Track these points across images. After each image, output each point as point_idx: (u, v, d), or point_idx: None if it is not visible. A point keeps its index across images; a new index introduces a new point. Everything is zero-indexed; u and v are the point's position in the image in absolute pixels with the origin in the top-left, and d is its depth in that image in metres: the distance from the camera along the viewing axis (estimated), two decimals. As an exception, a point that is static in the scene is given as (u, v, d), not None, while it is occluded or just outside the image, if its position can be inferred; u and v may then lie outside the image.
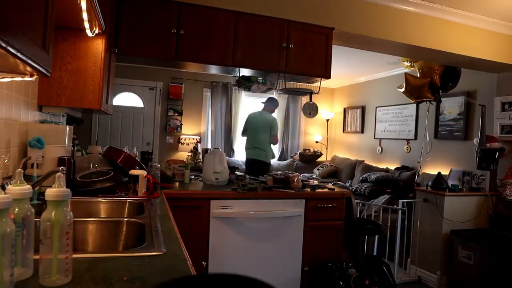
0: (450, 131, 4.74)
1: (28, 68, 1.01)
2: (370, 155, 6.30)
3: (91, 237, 1.52)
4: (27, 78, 1.14)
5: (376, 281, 2.65)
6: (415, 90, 4.08)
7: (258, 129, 4.59)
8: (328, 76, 3.05)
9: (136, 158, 2.45)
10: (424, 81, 3.99)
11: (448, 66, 3.92)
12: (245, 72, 3.08)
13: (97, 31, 2.01)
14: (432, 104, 4.30)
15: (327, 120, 7.34)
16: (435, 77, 3.94)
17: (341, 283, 2.57)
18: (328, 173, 6.38)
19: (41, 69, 1.01)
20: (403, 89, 4.23)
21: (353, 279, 2.58)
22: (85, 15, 1.70)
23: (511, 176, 3.52)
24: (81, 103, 2.21)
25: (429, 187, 3.59)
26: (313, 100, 3.73)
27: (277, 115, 7.03)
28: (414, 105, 5.37)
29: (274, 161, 6.73)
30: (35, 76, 1.14)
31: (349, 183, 5.76)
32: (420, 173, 4.71)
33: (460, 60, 3.60)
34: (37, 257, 0.99)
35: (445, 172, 3.88)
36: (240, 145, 6.70)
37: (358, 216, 3.82)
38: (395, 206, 3.70)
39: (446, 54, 3.41)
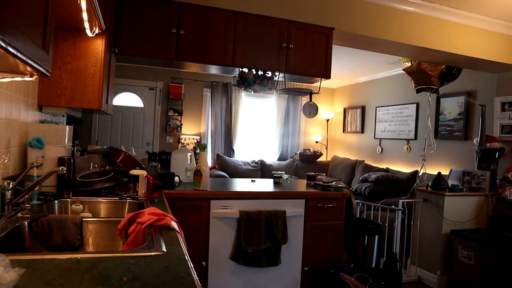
0: (450, 131, 4.74)
1: (28, 68, 1.01)
2: (370, 155, 6.30)
3: (91, 237, 1.52)
4: (27, 78, 1.14)
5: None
6: (425, 76, 4.05)
7: None
8: (328, 76, 3.05)
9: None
10: (439, 68, 3.95)
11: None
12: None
13: (97, 31, 2.01)
14: (433, 93, 4.27)
15: (327, 120, 7.34)
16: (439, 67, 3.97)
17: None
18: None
19: (41, 69, 1.01)
20: (412, 70, 4.17)
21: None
22: (85, 15, 1.70)
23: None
24: (81, 103, 2.21)
25: (429, 187, 3.59)
26: (313, 100, 3.73)
27: (277, 115, 7.05)
28: (414, 105, 5.38)
29: (274, 161, 6.74)
30: (35, 76, 1.14)
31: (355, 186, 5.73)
32: (424, 170, 4.61)
33: (460, 60, 3.60)
34: (31, 257, 0.99)
35: (445, 172, 3.88)
36: (240, 145, 6.71)
37: (358, 216, 3.82)
38: (393, 207, 3.70)
39: (446, 54, 3.41)
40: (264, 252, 2.47)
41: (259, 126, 6.99)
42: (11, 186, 1.41)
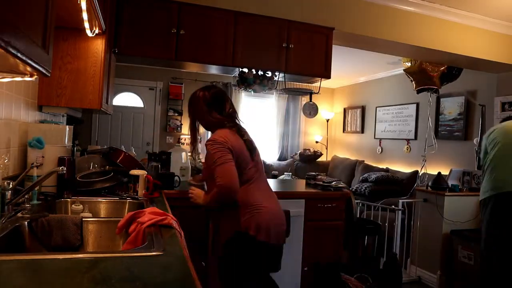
0: (450, 131, 4.74)
1: (28, 68, 1.01)
2: (370, 155, 6.30)
3: (91, 237, 1.52)
4: (27, 78, 1.14)
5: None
6: (426, 77, 4.05)
7: None
8: (328, 76, 3.05)
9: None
10: (440, 69, 3.95)
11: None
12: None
13: (97, 31, 2.01)
14: (433, 94, 4.28)
15: (327, 120, 7.34)
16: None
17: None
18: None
19: (41, 69, 1.01)
20: (413, 71, 4.17)
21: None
22: (85, 15, 1.70)
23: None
24: (81, 103, 2.21)
25: (429, 187, 3.59)
26: (313, 100, 3.73)
27: (277, 115, 7.03)
28: (414, 105, 5.38)
29: (274, 161, 6.74)
30: (35, 76, 1.14)
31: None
32: (425, 170, 4.60)
33: (460, 60, 3.60)
34: (31, 257, 0.99)
35: (445, 172, 3.88)
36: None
37: (358, 216, 3.82)
38: (393, 206, 3.70)
39: (446, 54, 3.41)
40: None
41: (259, 126, 6.98)
42: (11, 186, 1.41)
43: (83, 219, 1.50)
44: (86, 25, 1.82)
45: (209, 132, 2.03)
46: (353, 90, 7.00)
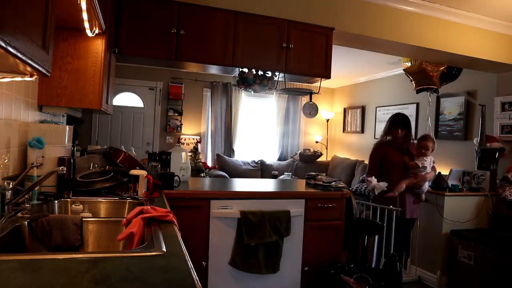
0: (450, 131, 4.74)
1: (28, 68, 1.01)
2: (370, 155, 6.29)
3: (91, 237, 1.52)
4: (27, 78, 1.14)
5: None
6: (426, 77, 4.04)
7: None
8: (328, 76, 3.05)
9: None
10: (440, 69, 3.95)
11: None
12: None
13: (97, 31, 2.01)
14: (433, 93, 4.27)
15: (327, 120, 7.34)
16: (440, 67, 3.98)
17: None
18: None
19: (41, 69, 1.01)
20: (413, 70, 4.16)
21: None
22: (85, 15, 1.70)
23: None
24: (81, 103, 2.21)
25: (429, 187, 3.59)
26: (313, 100, 3.73)
27: (277, 115, 7.04)
28: (414, 105, 5.38)
29: (274, 161, 6.74)
30: (35, 76, 1.14)
31: None
32: None
33: (460, 60, 3.60)
34: (31, 257, 0.99)
35: (445, 172, 3.88)
36: (240, 145, 6.71)
37: (358, 216, 3.81)
38: (391, 207, 3.69)
39: (446, 54, 3.41)
40: (265, 253, 2.47)
41: (259, 126, 6.98)
42: (11, 186, 1.41)
43: (83, 219, 1.50)
44: (86, 25, 1.82)
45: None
46: (353, 90, 7.00)
